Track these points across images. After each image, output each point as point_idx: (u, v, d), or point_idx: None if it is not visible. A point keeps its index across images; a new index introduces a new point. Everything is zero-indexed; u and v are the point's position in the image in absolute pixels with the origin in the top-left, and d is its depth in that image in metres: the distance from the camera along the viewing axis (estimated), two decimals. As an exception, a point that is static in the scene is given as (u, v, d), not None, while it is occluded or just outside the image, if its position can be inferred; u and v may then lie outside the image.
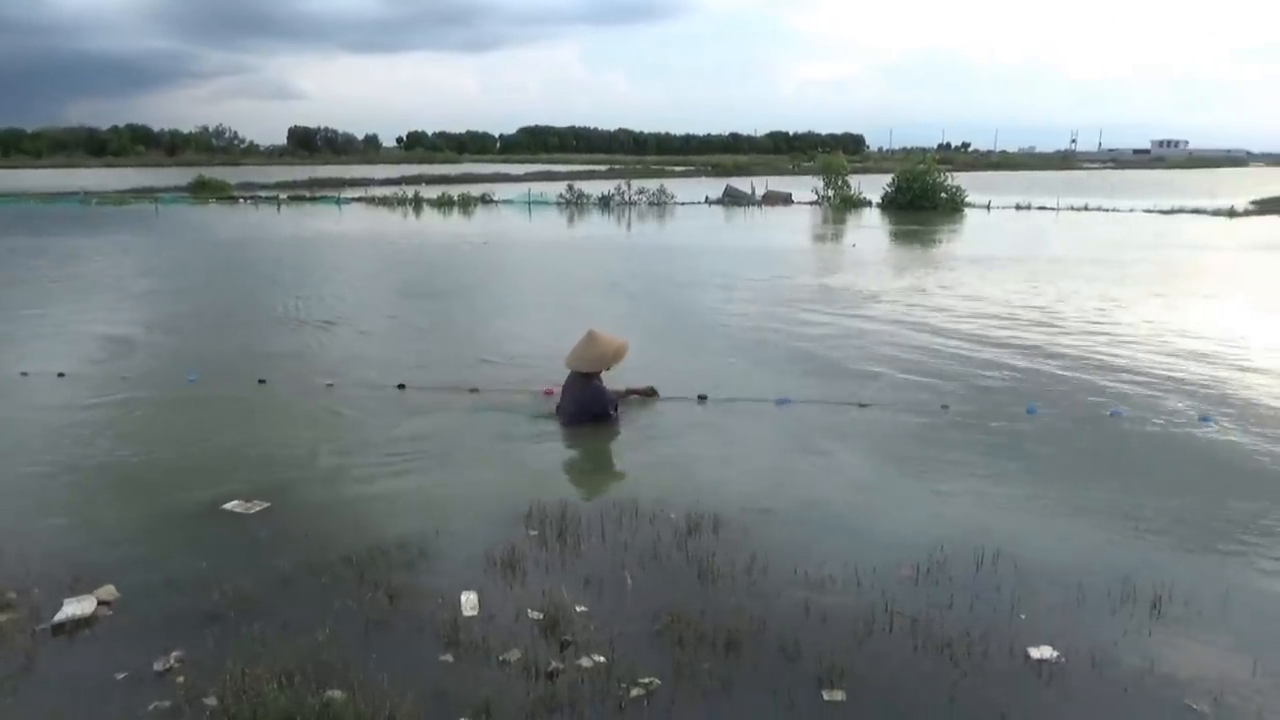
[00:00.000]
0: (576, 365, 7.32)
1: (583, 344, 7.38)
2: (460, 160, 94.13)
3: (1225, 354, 9.93)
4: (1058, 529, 5.44)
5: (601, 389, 7.28)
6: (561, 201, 35.96)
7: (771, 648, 4.06)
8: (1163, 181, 61.39)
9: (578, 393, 7.28)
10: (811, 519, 5.51)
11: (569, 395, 7.35)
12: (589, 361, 7.28)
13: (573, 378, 7.36)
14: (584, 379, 7.27)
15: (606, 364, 7.32)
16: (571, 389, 7.34)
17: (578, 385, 7.30)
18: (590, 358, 7.28)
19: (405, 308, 13.15)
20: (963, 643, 4.08)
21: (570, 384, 7.37)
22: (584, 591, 4.57)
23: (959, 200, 33.66)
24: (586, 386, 7.25)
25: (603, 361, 7.29)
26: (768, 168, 66.10)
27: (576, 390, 7.29)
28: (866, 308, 12.95)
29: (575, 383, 7.33)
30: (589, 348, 7.32)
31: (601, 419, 7.23)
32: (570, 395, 7.33)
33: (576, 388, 7.30)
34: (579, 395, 7.27)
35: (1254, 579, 4.81)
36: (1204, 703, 3.71)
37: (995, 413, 7.60)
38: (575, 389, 7.31)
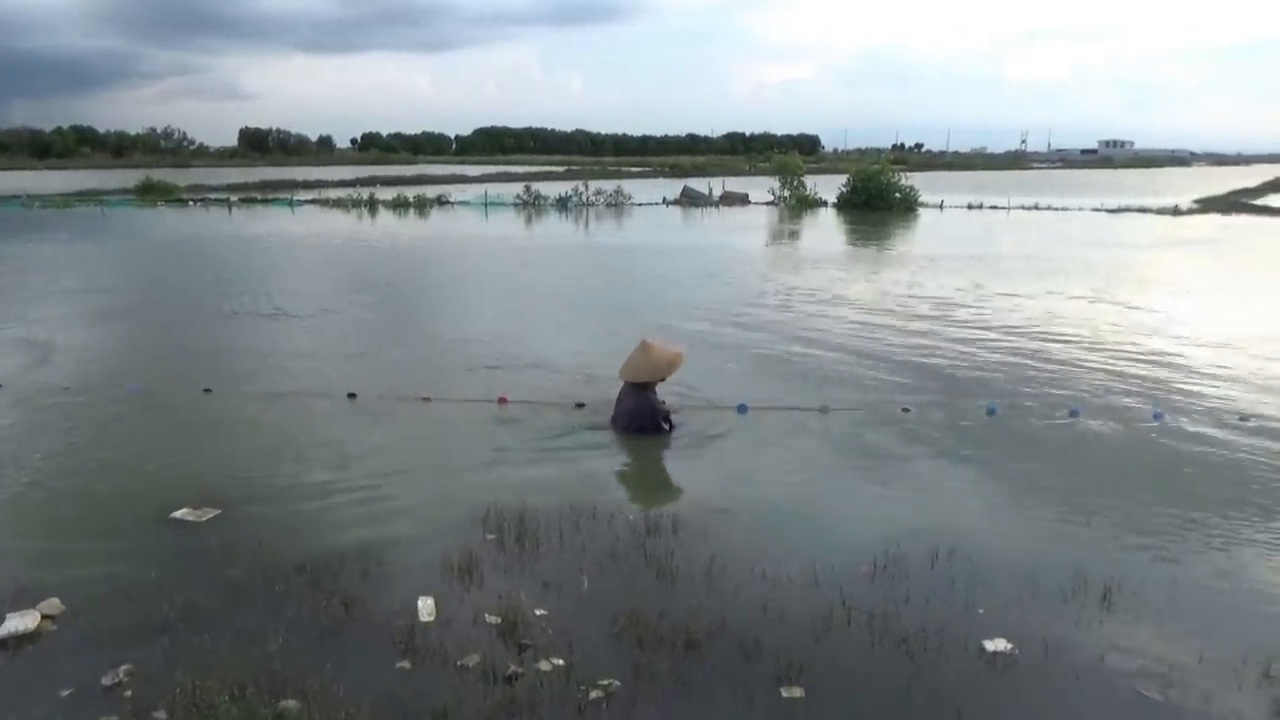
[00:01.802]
0: (631, 376, 7.13)
1: (636, 355, 7.18)
2: (416, 161, 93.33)
3: (1175, 350, 10.17)
4: (1012, 525, 5.53)
5: (652, 402, 7.10)
6: (519, 202, 35.78)
7: (730, 647, 4.07)
8: (1110, 181, 62.69)
9: (630, 404, 7.10)
10: (770, 519, 5.54)
11: (622, 405, 7.18)
12: (643, 372, 7.07)
13: (626, 388, 7.17)
14: (637, 390, 7.09)
15: (660, 375, 7.10)
16: (624, 399, 7.16)
17: (631, 396, 7.11)
18: (644, 368, 7.09)
19: (356, 312, 12.97)
20: (919, 637, 4.13)
21: (623, 394, 7.19)
22: (543, 594, 4.55)
23: (912, 200, 34.07)
24: (638, 398, 7.08)
25: (656, 373, 7.09)
26: (725, 169, 66.30)
27: (629, 401, 7.12)
28: (824, 309, 13.05)
29: (629, 393, 7.14)
30: (643, 358, 7.11)
31: (653, 432, 7.05)
32: (623, 406, 7.16)
33: (630, 398, 7.12)
34: (630, 406, 7.09)
35: (1200, 569, 4.92)
36: (1154, 689, 3.79)
37: (954, 414, 7.69)
38: (628, 399, 7.13)
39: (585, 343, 10.64)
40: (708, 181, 42.54)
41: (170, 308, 13.41)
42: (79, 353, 10.19)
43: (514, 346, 10.36)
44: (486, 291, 15.32)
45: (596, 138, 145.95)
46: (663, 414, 7.13)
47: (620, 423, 7.11)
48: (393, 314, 13.02)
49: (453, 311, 13.30)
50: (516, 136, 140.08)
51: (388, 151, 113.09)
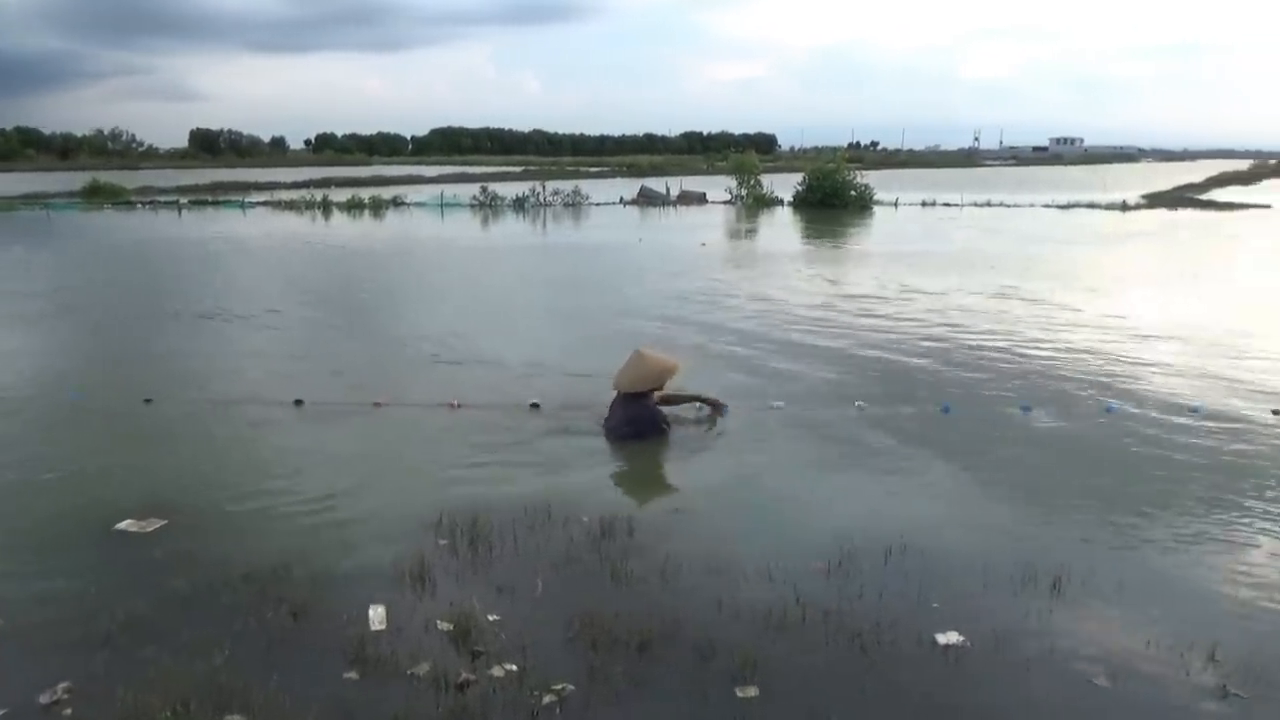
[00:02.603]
0: (628, 386, 7.06)
1: (631, 364, 7.14)
2: (371, 162, 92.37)
3: (1124, 344, 10.36)
4: (964, 519, 5.58)
5: (650, 408, 7.06)
6: (475, 203, 35.54)
7: (685, 647, 4.06)
8: (1060, 178, 63.80)
9: (627, 411, 7.04)
10: (725, 518, 5.54)
11: (617, 414, 7.10)
12: (638, 382, 7.05)
13: (621, 397, 7.12)
14: (632, 397, 7.05)
15: (655, 384, 7.09)
16: (619, 407, 7.10)
17: (626, 404, 7.06)
18: (639, 378, 7.05)
19: (306, 315, 12.78)
20: (872, 632, 4.15)
21: (617, 402, 7.14)
22: (496, 599, 4.49)
23: (868, 198, 34.40)
24: (635, 405, 7.03)
25: (649, 382, 7.06)
26: (682, 168, 66.41)
27: (625, 409, 7.06)
28: (773, 306, 13.12)
29: (622, 403, 7.09)
30: (637, 368, 7.09)
31: (650, 436, 7.00)
32: (619, 414, 7.09)
33: (625, 406, 7.07)
34: (628, 414, 7.03)
35: (1148, 558, 5.01)
36: (1103, 677, 3.84)
37: (907, 410, 7.74)
38: (623, 408, 7.07)
39: (539, 343, 10.59)
40: (665, 181, 42.58)
41: (115, 312, 13.09)
42: (18, 359, 9.92)
43: (467, 348, 10.27)
44: (440, 293, 15.19)
45: (554, 138, 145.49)
46: (663, 417, 7.09)
47: (618, 431, 7.01)
48: (344, 317, 12.81)
49: (405, 314, 13.15)
50: (473, 137, 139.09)
51: (342, 153, 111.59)
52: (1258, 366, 9.15)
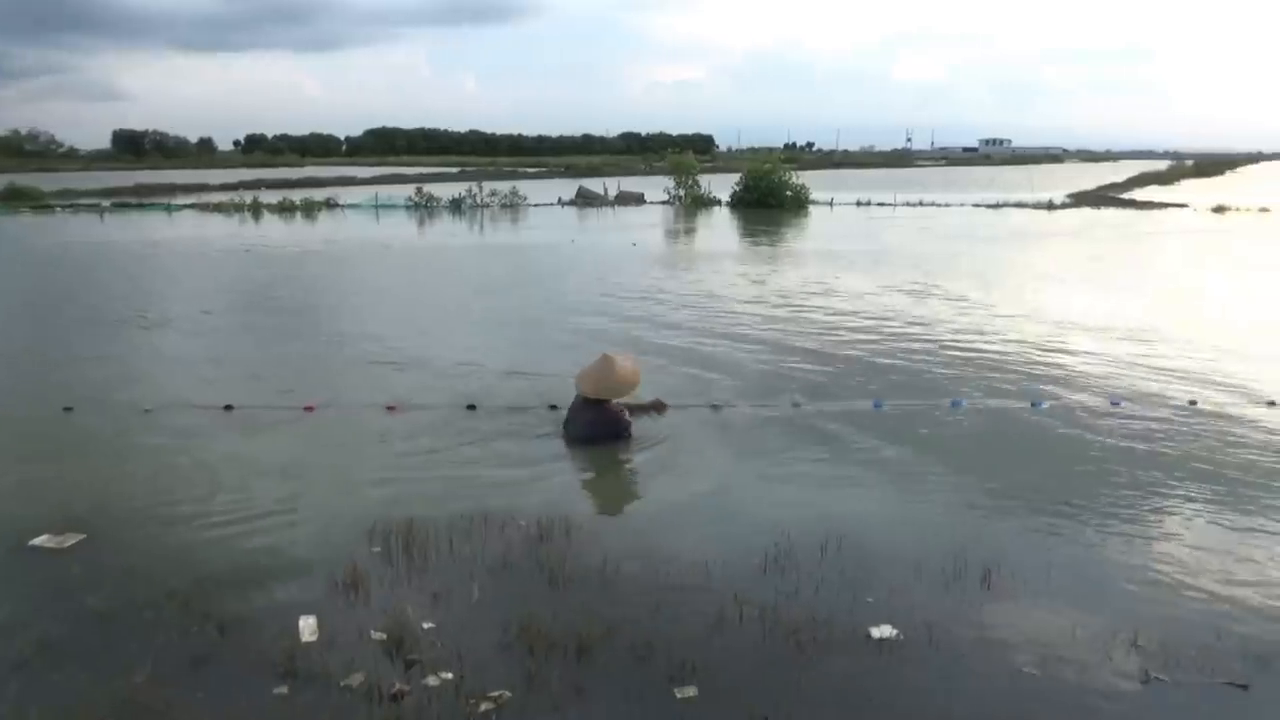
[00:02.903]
0: (595, 393, 6.89)
1: (599, 370, 6.95)
2: (303, 163, 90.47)
3: (1048, 338, 10.64)
4: (897, 512, 5.67)
5: (615, 413, 6.92)
6: (411, 204, 35.07)
7: (623, 649, 4.04)
8: (990, 178, 65.33)
9: (590, 416, 6.89)
10: (663, 518, 5.54)
11: (580, 419, 6.94)
12: (606, 390, 6.89)
13: (584, 403, 6.95)
14: (595, 405, 6.91)
15: (621, 393, 6.95)
16: (583, 412, 6.93)
17: (590, 409, 6.91)
18: (607, 387, 6.89)
19: (233, 321, 12.45)
20: (809, 629, 4.18)
21: (581, 408, 6.96)
22: (432, 607, 4.42)
23: (804, 198, 34.81)
24: (599, 411, 6.88)
25: (616, 393, 6.91)
26: (620, 168, 66.42)
27: (589, 414, 6.90)
28: (708, 304, 13.20)
29: (586, 408, 6.93)
30: (606, 376, 6.90)
31: (613, 440, 6.88)
32: (582, 419, 6.92)
33: (589, 411, 6.91)
34: (592, 419, 6.88)
35: (1075, 548, 5.14)
36: (1032, 665, 3.93)
37: (842, 407, 7.82)
38: (587, 412, 6.91)
39: (475, 344, 10.48)
40: (603, 182, 42.53)
41: (31, 319, 12.61)
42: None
43: (402, 350, 10.12)
44: (374, 295, 14.94)
45: (491, 138, 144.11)
46: (626, 424, 6.98)
47: (582, 434, 6.89)
48: (275, 320, 12.51)
49: (339, 316, 12.88)
50: (408, 137, 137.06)
51: (273, 154, 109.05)
52: (1173, 359, 9.47)
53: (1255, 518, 5.48)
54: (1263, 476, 6.15)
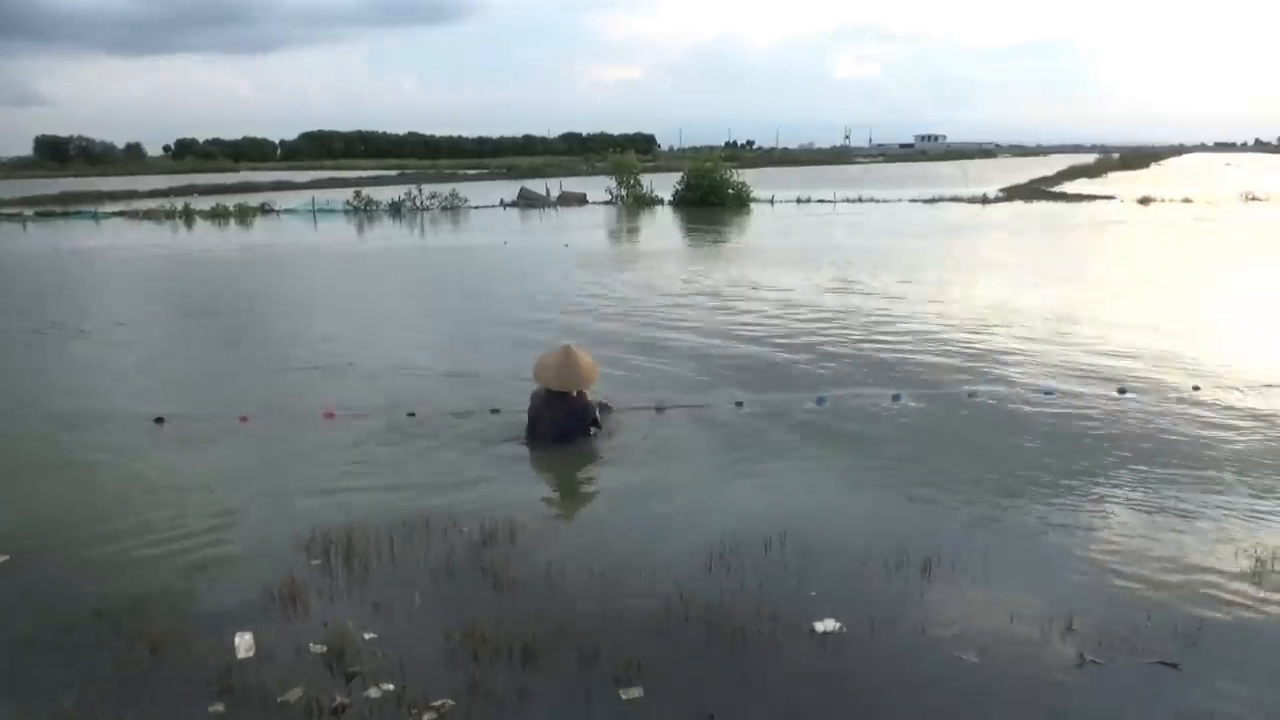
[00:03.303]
0: (560, 385, 6.79)
1: (562, 362, 6.83)
2: (238, 168, 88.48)
3: (981, 329, 10.85)
4: (839, 506, 5.73)
5: (585, 404, 6.86)
6: (349, 209, 34.52)
7: (569, 653, 4.01)
8: (926, 174, 66.53)
9: (559, 410, 6.78)
10: (608, 519, 5.53)
11: (549, 415, 6.81)
12: (572, 381, 6.79)
13: (549, 398, 6.83)
14: (561, 398, 6.80)
15: (584, 384, 6.88)
16: (550, 407, 6.81)
17: (556, 404, 6.79)
18: (571, 378, 6.79)
19: (164, 330, 12.15)
20: (753, 625, 4.19)
21: (546, 403, 6.84)
22: (373, 617, 4.35)
23: (745, 196, 35.08)
24: (566, 405, 6.79)
25: (583, 382, 6.84)
26: (563, 169, 66.17)
27: (556, 412, 6.79)
28: (648, 304, 13.21)
29: (553, 402, 6.81)
30: (570, 367, 6.80)
31: (582, 434, 6.85)
32: (551, 414, 6.80)
33: (555, 407, 6.79)
34: (562, 413, 6.78)
35: (1012, 535, 5.24)
36: (972, 653, 3.99)
37: (784, 405, 7.86)
38: (556, 407, 6.79)
39: (409, 349, 10.33)
40: (545, 183, 42.35)
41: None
42: None
43: (336, 356, 9.94)
44: (309, 301, 14.68)
45: (431, 140, 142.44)
46: (594, 416, 6.93)
47: (554, 431, 6.78)
48: (208, 329, 12.21)
49: (271, 324, 12.61)
50: (346, 140, 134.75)
51: (205, 159, 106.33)
52: (1100, 347, 9.73)
53: (1182, 501, 5.64)
54: (1188, 460, 6.35)
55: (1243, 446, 6.62)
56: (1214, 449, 6.57)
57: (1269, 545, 4.95)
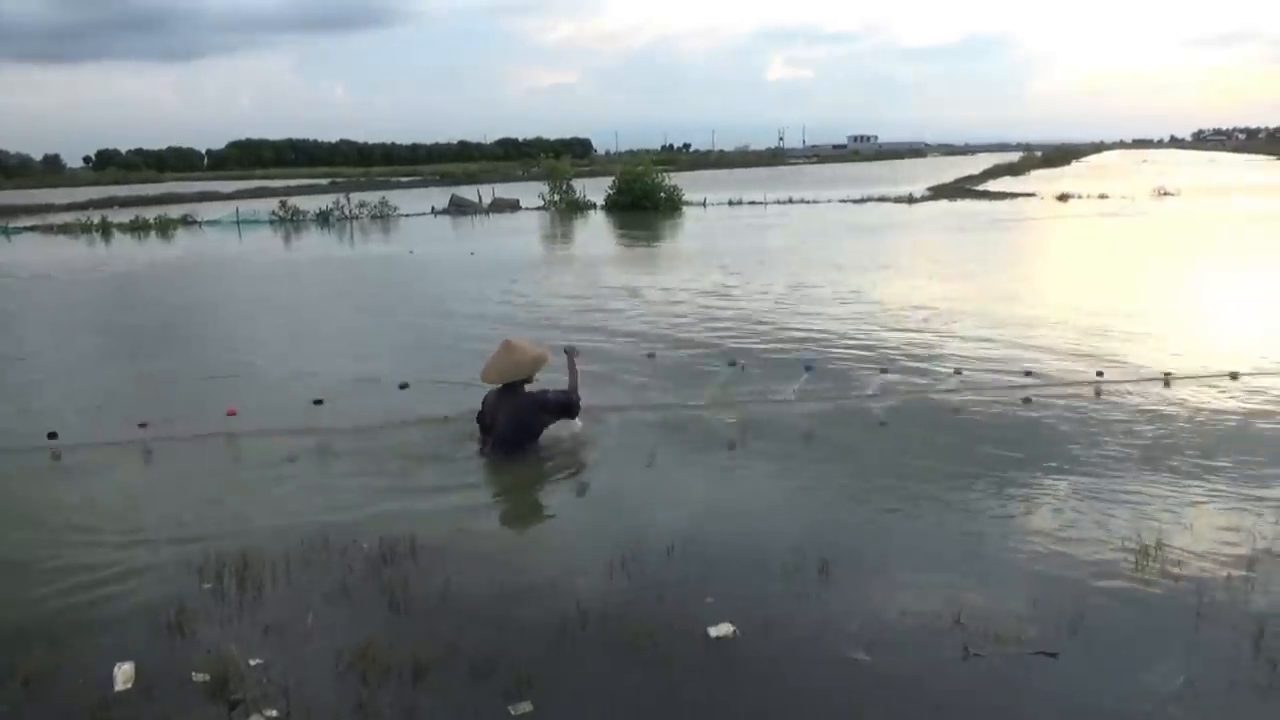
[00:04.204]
0: (498, 378, 6.60)
1: (501, 355, 6.67)
2: (162, 179, 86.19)
3: (898, 323, 11.05)
4: (741, 508, 5.76)
5: (536, 395, 6.66)
6: (275, 219, 33.86)
7: (461, 669, 3.97)
8: (858, 174, 67.63)
9: (510, 412, 6.57)
10: (511, 531, 5.50)
11: (501, 415, 6.58)
12: (511, 370, 6.60)
13: (497, 399, 6.64)
14: (510, 394, 6.61)
15: (527, 372, 6.66)
16: (501, 409, 6.59)
17: (506, 403, 6.58)
18: (510, 366, 6.61)
19: (58, 347, 11.70)
20: (648, 634, 4.19)
21: (495, 405, 6.64)
22: (262, 641, 4.25)
23: (677, 199, 35.25)
24: (517, 400, 6.60)
25: (522, 369, 6.63)
26: (498, 175, 65.93)
27: (507, 409, 6.57)
28: (554, 308, 13.19)
29: (502, 402, 6.60)
30: (507, 356, 6.64)
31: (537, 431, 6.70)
32: (503, 414, 6.57)
33: (506, 407, 6.58)
34: (513, 414, 6.57)
35: (908, 532, 5.33)
36: (861, 650, 4.05)
37: (685, 405, 7.87)
38: (505, 408, 6.58)
39: (323, 360, 10.15)
40: (477, 189, 42.06)
41: None
42: None
43: (238, 370, 9.73)
44: (219, 314, 14.34)
45: (364, 148, 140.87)
46: (555, 402, 6.75)
47: (505, 436, 6.60)
48: (106, 345, 11.85)
49: (176, 338, 12.25)
50: (275, 149, 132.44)
51: (128, 169, 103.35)
52: (1007, 340, 9.99)
53: (1075, 492, 5.80)
54: (1082, 450, 6.53)
55: (1138, 436, 6.83)
56: (1110, 438, 6.77)
57: (1154, 531, 5.12)
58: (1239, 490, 5.78)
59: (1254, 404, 7.60)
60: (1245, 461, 6.26)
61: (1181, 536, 5.09)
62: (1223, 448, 6.54)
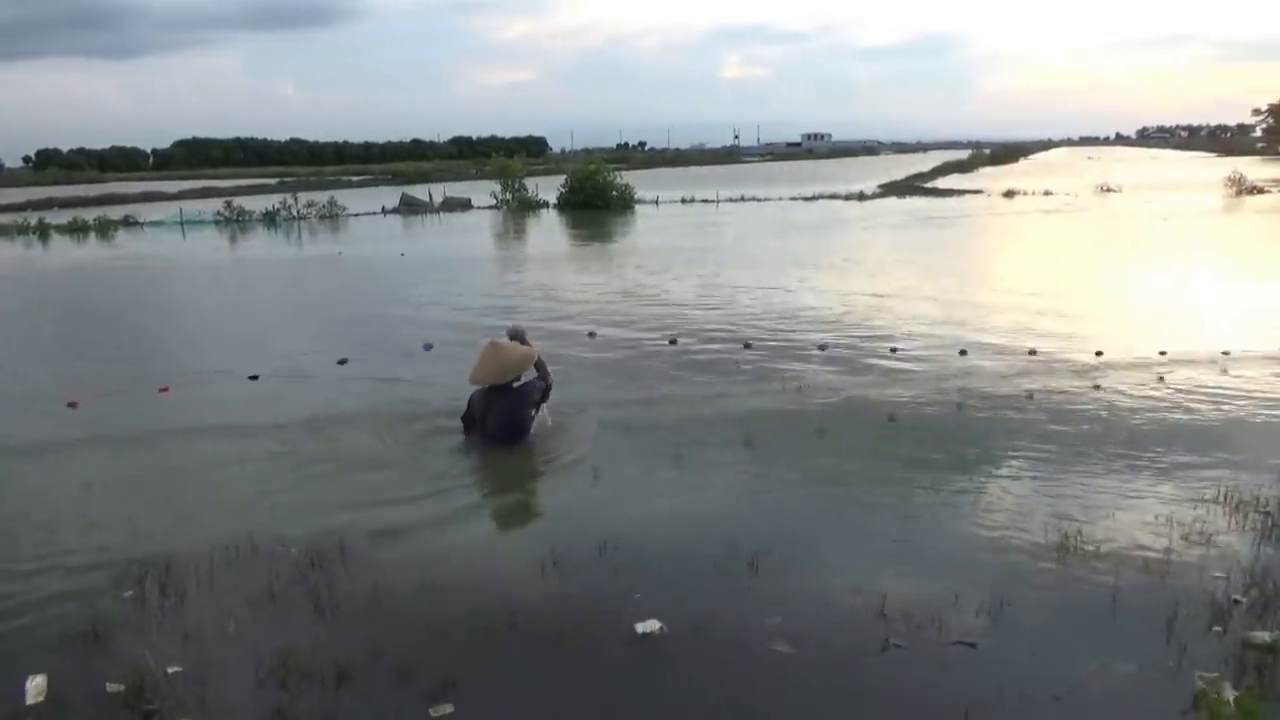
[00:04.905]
0: (489, 379, 6.75)
1: (490, 356, 6.79)
2: (105, 179, 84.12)
3: (839, 319, 11.16)
4: (676, 505, 5.76)
5: (524, 388, 6.83)
6: (220, 219, 33.24)
7: (384, 673, 3.93)
8: (811, 171, 68.17)
9: (502, 410, 6.72)
10: (442, 532, 5.41)
11: (492, 412, 6.74)
12: (501, 371, 6.75)
13: (485, 398, 6.79)
14: (497, 393, 6.74)
15: (517, 371, 6.81)
16: (491, 408, 6.75)
17: (496, 403, 6.73)
18: (500, 367, 6.76)
19: None
20: (575, 632, 4.19)
21: (484, 405, 6.78)
22: (182, 649, 4.17)
23: (629, 198, 35.27)
24: (506, 399, 6.74)
25: (511, 369, 6.78)
26: (452, 173, 65.43)
27: (498, 409, 6.72)
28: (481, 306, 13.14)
29: (491, 401, 6.75)
30: (496, 357, 6.77)
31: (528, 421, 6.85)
32: (495, 416, 6.73)
33: (496, 406, 6.73)
34: (505, 412, 6.72)
35: (838, 525, 5.41)
36: (786, 644, 4.08)
37: (616, 402, 7.91)
38: (496, 407, 6.73)
39: (262, 360, 9.98)
40: (429, 188, 41.69)
41: None
42: None
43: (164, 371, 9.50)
44: (147, 313, 14.05)
45: (315, 147, 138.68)
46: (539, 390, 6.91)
47: (495, 429, 6.75)
48: (31, 344, 11.55)
49: (106, 338, 11.97)
50: (224, 148, 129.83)
51: (70, 169, 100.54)
52: (944, 337, 10.15)
53: (1002, 481, 5.93)
54: (1014, 439, 6.67)
55: (1065, 427, 6.98)
56: (1038, 430, 6.91)
57: (1076, 522, 5.23)
58: (1160, 480, 5.94)
59: (1178, 395, 7.80)
60: (1166, 451, 6.43)
61: (1102, 526, 5.21)
62: (1146, 439, 6.71)
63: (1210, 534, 5.10)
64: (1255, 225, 25.01)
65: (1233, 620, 4.19)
